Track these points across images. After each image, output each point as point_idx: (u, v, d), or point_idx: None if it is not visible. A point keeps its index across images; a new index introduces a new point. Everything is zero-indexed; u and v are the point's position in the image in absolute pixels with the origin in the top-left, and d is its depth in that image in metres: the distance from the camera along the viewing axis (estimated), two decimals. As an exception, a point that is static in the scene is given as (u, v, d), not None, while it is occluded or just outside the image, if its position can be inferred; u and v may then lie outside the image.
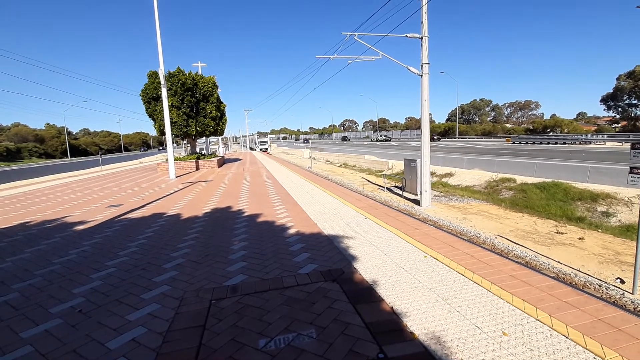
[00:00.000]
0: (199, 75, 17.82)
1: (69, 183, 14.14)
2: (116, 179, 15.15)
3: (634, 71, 48.68)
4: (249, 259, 3.92)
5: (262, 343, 2.30)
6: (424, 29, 11.84)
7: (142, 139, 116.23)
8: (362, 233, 4.78)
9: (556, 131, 53.18)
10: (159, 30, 12.40)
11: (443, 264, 3.55)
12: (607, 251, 8.04)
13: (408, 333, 2.35)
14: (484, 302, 2.74)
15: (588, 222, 10.46)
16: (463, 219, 11.53)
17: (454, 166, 21.35)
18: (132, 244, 4.77)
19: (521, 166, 17.54)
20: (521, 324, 2.43)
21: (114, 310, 2.86)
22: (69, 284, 3.45)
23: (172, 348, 2.30)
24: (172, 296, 3.07)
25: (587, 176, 13.65)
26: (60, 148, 71.42)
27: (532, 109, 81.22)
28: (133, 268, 3.82)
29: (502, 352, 2.13)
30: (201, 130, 18.05)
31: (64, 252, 4.53)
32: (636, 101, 50.53)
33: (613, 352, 2.07)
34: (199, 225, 5.63)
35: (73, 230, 5.70)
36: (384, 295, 2.91)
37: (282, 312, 2.69)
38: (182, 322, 2.62)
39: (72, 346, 2.37)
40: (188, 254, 4.22)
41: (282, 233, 4.94)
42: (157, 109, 16.80)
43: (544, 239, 9.23)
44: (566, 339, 2.24)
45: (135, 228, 5.67)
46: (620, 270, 6.93)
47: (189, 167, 17.53)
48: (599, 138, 37.56)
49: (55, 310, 2.91)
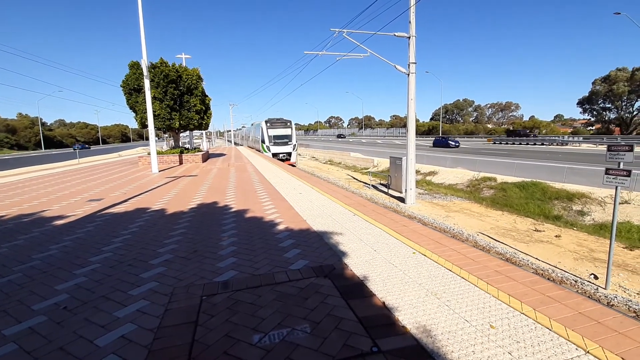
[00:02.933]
0: (183, 67, 17.41)
1: (44, 176, 13.59)
2: (95, 172, 14.67)
3: (608, 76, 50.79)
4: (239, 255, 3.89)
5: (257, 338, 2.30)
6: (412, 29, 11.97)
7: (122, 132, 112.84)
8: (351, 229, 4.82)
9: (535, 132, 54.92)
10: (141, 18, 12.03)
11: (431, 260, 3.63)
12: (582, 248, 8.42)
13: (400, 327, 2.40)
14: (471, 297, 2.83)
15: (564, 221, 10.91)
16: (447, 217, 11.80)
17: (438, 165, 21.78)
18: (116, 239, 4.64)
19: (502, 166, 18.07)
20: (507, 318, 2.52)
21: (101, 307, 2.79)
22: (52, 280, 3.34)
23: (165, 344, 2.26)
24: (161, 292, 3.02)
25: (564, 176, 14.21)
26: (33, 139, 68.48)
27: (513, 110, 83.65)
28: (118, 264, 3.73)
29: (490, 345, 2.21)
30: (185, 124, 17.67)
31: (44, 247, 4.37)
32: (610, 105, 52.79)
33: (594, 343, 2.18)
34: (185, 221, 5.54)
35: (52, 225, 5.50)
36: (376, 290, 2.95)
37: (275, 308, 2.70)
38: (173, 318, 2.58)
39: (58, 343, 2.30)
40: (175, 249, 4.15)
41: (271, 229, 4.93)
42: (138, 101, 16.32)
43: (523, 236, 9.57)
44: (550, 331, 2.34)
45: (119, 223, 5.52)
46: (594, 266, 7.28)
47: (172, 161, 17.16)
48: (575, 140, 39.07)
49: (38, 307, 2.81)
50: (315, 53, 15.61)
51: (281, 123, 25.71)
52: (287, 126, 25.79)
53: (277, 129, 25.43)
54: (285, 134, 25.43)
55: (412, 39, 12.06)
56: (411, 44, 12.09)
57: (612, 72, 50.50)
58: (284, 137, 25.29)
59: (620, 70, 49.70)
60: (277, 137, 25.16)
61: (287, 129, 25.65)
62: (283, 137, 25.29)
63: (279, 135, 25.27)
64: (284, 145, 24.98)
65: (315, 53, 15.61)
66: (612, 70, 50.63)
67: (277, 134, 25.23)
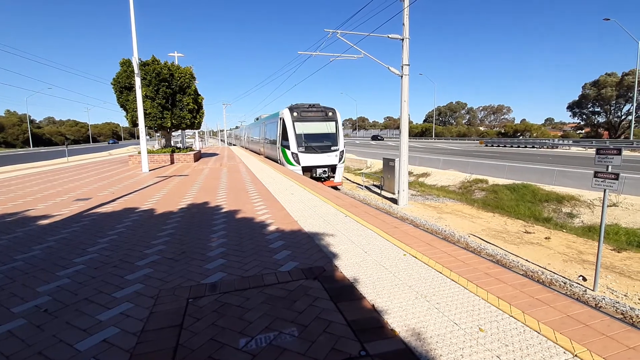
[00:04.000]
0: (176, 66, 17.23)
1: (31, 174, 13.31)
2: (84, 171, 14.42)
3: (598, 80, 51.76)
4: (228, 257, 3.83)
5: (243, 342, 2.25)
6: (405, 31, 12.02)
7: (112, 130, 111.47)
8: (343, 231, 4.79)
9: (525, 135, 55.67)
10: (133, 14, 11.86)
11: (422, 262, 3.62)
12: (571, 250, 8.52)
13: (389, 330, 2.37)
14: (461, 299, 2.81)
15: (554, 223, 11.04)
16: (439, 218, 11.86)
17: (431, 166, 21.91)
18: (102, 240, 4.55)
19: (493, 168, 18.25)
20: (496, 320, 2.51)
21: (84, 310, 2.71)
22: (33, 282, 3.24)
23: (147, 349, 2.20)
24: (146, 295, 2.95)
25: (554, 179, 14.39)
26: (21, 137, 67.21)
27: (504, 113, 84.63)
28: (104, 265, 3.64)
29: (479, 348, 2.19)
30: (177, 123, 17.49)
31: (26, 247, 4.25)
32: (599, 109, 53.77)
33: (581, 347, 2.17)
34: (174, 221, 5.45)
35: (37, 225, 5.37)
36: (365, 293, 2.92)
37: (263, 311, 2.65)
38: (158, 321, 2.52)
39: (37, 348, 2.22)
40: (163, 250, 4.07)
41: (262, 230, 4.87)
42: (129, 99, 16.10)
43: (514, 238, 9.66)
44: (538, 334, 2.33)
45: (106, 223, 5.41)
46: (583, 268, 7.36)
47: (164, 161, 16.96)
48: (565, 143, 39.70)
49: (18, 310, 2.72)
50: (309, 53, 15.58)
51: (318, 112, 15.16)
52: (328, 117, 15.21)
53: (312, 121, 14.97)
54: (327, 131, 15.01)
55: (405, 41, 12.11)
56: (405, 46, 12.14)
57: (601, 77, 51.48)
58: (324, 138, 14.89)
59: (610, 75, 50.69)
60: (312, 137, 14.76)
61: (329, 123, 15.17)
62: (323, 137, 14.91)
63: (315, 135, 14.84)
64: (324, 153, 14.62)
65: (309, 53, 15.58)
66: (602, 75, 51.63)
67: (312, 132, 14.82)
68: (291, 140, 14.58)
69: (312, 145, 14.67)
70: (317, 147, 14.70)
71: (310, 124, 15.07)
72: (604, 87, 50.13)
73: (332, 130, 15.27)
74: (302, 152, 14.48)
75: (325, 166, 14.69)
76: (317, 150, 14.64)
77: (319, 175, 14.54)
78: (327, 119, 15.33)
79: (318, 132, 15.08)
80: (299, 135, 14.67)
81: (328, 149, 14.83)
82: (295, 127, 14.69)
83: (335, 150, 14.84)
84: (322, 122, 15.22)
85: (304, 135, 14.77)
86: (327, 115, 15.34)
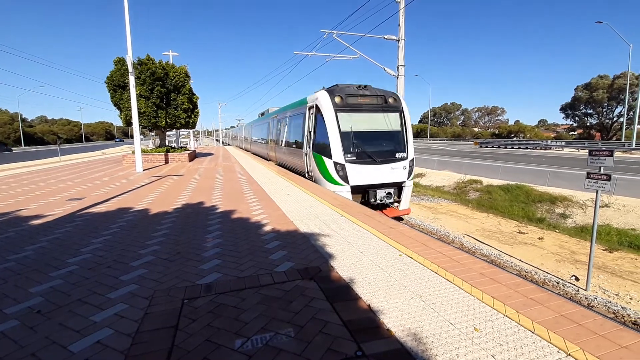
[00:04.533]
0: (170, 65, 17.13)
1: (23, 174, 13.14)
2: (77, 170, 14.27)
3: (590, 83, 52.42)
4: (224, 257, 3.81)
5: (239, 343, 2.24)
6: (401, 32, 12.07)
7: (106, 129, 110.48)
8: (339, 231, 4.79)
9: (519, 136, 56.18)
10: (127, 12, 11.77)
11: (417, 262, 3.63)
12: (564, 250, 8.61)
13: (385, 330, 2.38)
14: (456, 299, 2.83)
15: (547, 223, 11.15)
16: (434, 219, 11.93)
17: (425, 167, 22.02)
18: (96, 240, 4.50)
19: (487, 169, 18.38)
20: (491, 320, 2.53)
21: (77, 311, 2.68)
22: (26, 283, 3.20)
23: (142, 350, 2.18)
24: (141, 295, 2.92)
25: (547, 180, 14.54)
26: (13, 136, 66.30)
27: (499, 114, 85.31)
28: (97, 266, 3.60)
29: (474, 347, 2.20)
30: (171, 122, 17.38)
31: (19, 248, 4.20)
32: (591, 111, 54.48)
33: (575, 346, 2.20)
34: (169, 222, 5.41)
35: (29, 225, 5.30)
36: (361, 293, 2.93)
37: (259, 311, 2.64)
38: (153, 322, 2.50)
39: (30, 349, 2.19)
40: (158, 251, 4.04)
41: (257, 230, 4.86)
42: (123, 98, 15.97)
43: (508, 238, 9.74)
44: (532, 334, 2.36)
45: (99, 223, 5.36)
46: (576, 268, 7.45)
47: (158, 160, 16.85)
48: (558, 144, 40.14)
49: (11, 311, 2.68)
50: (305, 54, 15.59)
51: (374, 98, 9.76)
52: (389, 106, 9.82)
53: (366, 112, 9.67)
54: (388, 128, 9.73)
55: (401, 42, 12.16)
56: (400, 46, 12.19)
57: (593, 80, 52.15)
58: (385, 139, 9.67)
59: (602, 78, 51.37)
60: (365, 137, 9.44)
61: (391, 115, 9.79)
62: (383, 137, 9.67)
63: (371, 134, 9.58)
64: (386, 163, 9.21)
65: (305, 54, 15.59)
66: (594, 78, 52.34)
67: (365, 130, 9.53)
68: (333, 142, 8.91)
69: (367, 152, 9.02)
70: (375, 155, 9.02)
71: (362, 116, 9.43)
72: (596, 89, 50.80)
73: (396, 126, 9.56)
74: (352, 162, 8.85)
75: (389, 185, 9.07)
76: (375, 159, 8.98)
77: (381, 201, 8.92)
78: (388, 108, 9.62)
79: (375, 129, 9.47)
80: (345, 134, 8.98)
81: (392, 156, 9.20)
82: (339, 120, 9.03)
83: (402, 160, 9.23)
84: (379, 114, 9.54)
85: (354, 135, 9.07)
86: (386, 102, 9.63)
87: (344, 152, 8.89)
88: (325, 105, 9.29)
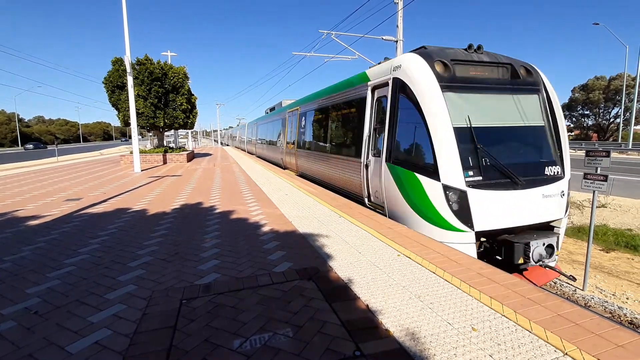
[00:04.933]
0: (169, 65, 17.11)
1: (20, 174, 13.08)
2: (74, 171, 14.22)
3: (586, 84, 52.65)
4: (222, 257, 3.81)
5: (237, 343, 2.24)
6: (400, 33, 12.10)
7: (104, 129, 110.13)
8: (337, 231, 4.80)
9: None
10: (125, 12, 11.74)
11: (416, 262, 3.64)
12: (561, 250, 8.64)
13: (383, 330, 2.39)
14: (454, 299, 2.84)
15: (544, 223, 11.17)
16: (431, 219, 11.94)
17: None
18: (94, 240, 4.49)
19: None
20: (489, 320, 2.54)
21: (75, 312, 2.67)
22: (23, 283, 3.19)
23: (140, 350, 2.18)
24: (139, 296, 2.92)
25: (544, 180, 14.53)
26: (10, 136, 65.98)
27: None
28: (95, 266, 3.59)
29: (472, 347, 2.21)
30: (170, 123, 17.36)
31: (15, 248, 4.18)
32: (588, 112, 54.73)
33: (572, 345, 2.21)
34: (167, 222, 5.40)
35: (26, 225, 5.28)
36: (360, 293, 2.93)
37: (258, 312, 2.64)
38: (151, 323, 2.50)
39: (27, 350, 2.18)
40: (156, 251, 4.03)
41: (256, 231, 4.86)
42: (121, 98, 15.94)
43: (505, 238, 9.75)
44: (530, 333, 2.37)
45: (97, 224, 5.34)
46: (573, 268, 7.48)
47: (156, 161, 16.81)
48: (554, 145, 40.11)
49: (8, 312, 2.67)
50: (303, 54, 15.61)
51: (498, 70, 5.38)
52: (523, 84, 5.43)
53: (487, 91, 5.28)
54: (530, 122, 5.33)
55: (399, 43, 12.19)
56: (399, 47, 12.22)
57: (590, 81, 52.40)
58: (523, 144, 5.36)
59: (598, 79, 51.62)
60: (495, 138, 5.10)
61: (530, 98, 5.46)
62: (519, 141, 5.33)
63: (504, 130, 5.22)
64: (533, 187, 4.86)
65: (303, 54, 15.61)
66: (590, 79, 52.56)
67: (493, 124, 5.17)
68: (442, 147, 4.83)
69: (502, 166, 4.89)
70: (515, 170, 4.92)
71: (484, 100, 5.40)
72: (592, 90, 51.04)
73: (537, 117, 5.59)
74: (478, 185, 4.77)
75: (539, 227, 5.27)
76: (516, 179, 4.88)
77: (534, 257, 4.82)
78: (520, 86, 5.56)
79: (505, 123, 5.43)
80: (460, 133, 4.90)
81: (540, 174, 5.25)
82: (449, 107, 4.95)
83: (556, 179, 5.32)
84: (508, 95, 5.51)
85: (477, 134, 4.96)
86: (517, 75, 5.56)
87: (463, 167, 4.77)
88: (422, 79, 5.18)
